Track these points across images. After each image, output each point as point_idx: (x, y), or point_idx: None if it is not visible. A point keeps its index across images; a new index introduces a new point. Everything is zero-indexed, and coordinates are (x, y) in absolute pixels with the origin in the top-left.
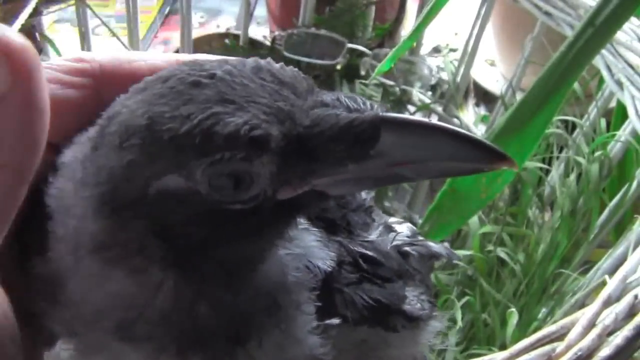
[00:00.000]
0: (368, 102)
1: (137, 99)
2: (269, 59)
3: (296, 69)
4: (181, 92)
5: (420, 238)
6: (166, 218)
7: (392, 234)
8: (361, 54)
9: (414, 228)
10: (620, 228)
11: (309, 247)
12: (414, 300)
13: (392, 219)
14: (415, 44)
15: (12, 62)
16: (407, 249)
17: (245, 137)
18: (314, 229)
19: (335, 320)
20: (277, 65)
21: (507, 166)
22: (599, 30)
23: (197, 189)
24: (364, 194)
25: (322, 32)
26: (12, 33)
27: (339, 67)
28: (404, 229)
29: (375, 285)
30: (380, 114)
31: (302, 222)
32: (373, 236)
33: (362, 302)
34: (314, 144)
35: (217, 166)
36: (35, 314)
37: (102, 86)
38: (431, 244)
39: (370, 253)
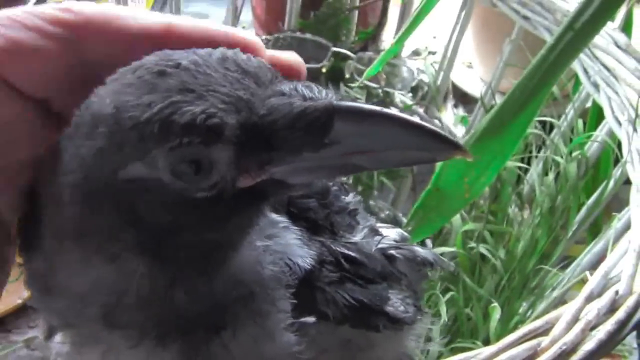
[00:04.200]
0: (324, 91)
1: (108, 88)
2: (237, 50)
3: (263, 60)
4: (147, 82)
5: (407, 243)
6: (134, 205)
7: (377, 237)
8: (345, 57)
9: (404, 234)
10: (596, 226)
11: (288, 244)
12: (397, 302)
13: (380, 224)
14: None
15: None
16: (392, 252)
17: (201, 126)
18: (295, 227)
19: (311, 319)
20: (244, 56)
21: (461, 155)
22: (578, 34)
23: (160, 177)
24: (348, 197)
25: (308, 36)
26: None
27: (324, 70)
28: (392, 234)
29: (357, 286)
30: (334, 102)
31: (283, 220)
32: (357, 238)
33: (343, 301)
34: (269, 132)
35: (177, 152)
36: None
37: (85, 40)
38: (418, 249)
39: (352, 254)
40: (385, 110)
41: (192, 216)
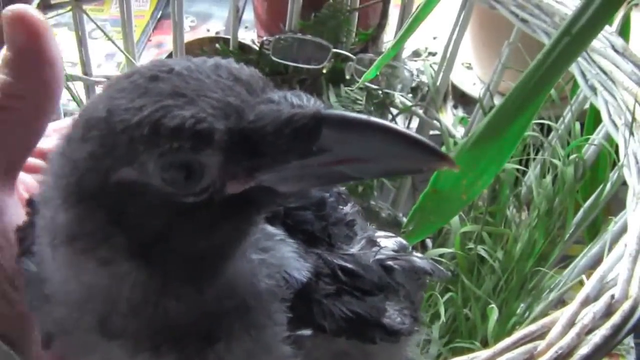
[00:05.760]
0: (312, 100)
1: (103, 94)
2: (230, 59)
3: (255, 70)
4: (139, 86)
5: (405, 253)
6: (125, 209)
7: (375, 248)
8: (346, 59)
9: (403, 243)
10: (594, 227)
11: (284, 257)
12: (394, 314)
13: (379, 233)
14: None
15: (26, 25)
16: (390, 263)
17: (190, 130)
18: (291, 240)
19: (307, 332)
20: (237, 65)
21: (447, 166)
22: (575, 39)
23: (150, 182)
24: (346, 208)
25: (308, 37)
26: (28, 7)
27: (324, 71)
28: (389, 244)
29: (354, 298)
30: (322, 110)
31: (279, 233)
32: (354, 249)
33: (340, 314)
34: (257, 139)
35: (167, 157)
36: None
37: None
38: (416, 259)
39: (349, 265)
40: (373, 119)
41: (181, 221)
